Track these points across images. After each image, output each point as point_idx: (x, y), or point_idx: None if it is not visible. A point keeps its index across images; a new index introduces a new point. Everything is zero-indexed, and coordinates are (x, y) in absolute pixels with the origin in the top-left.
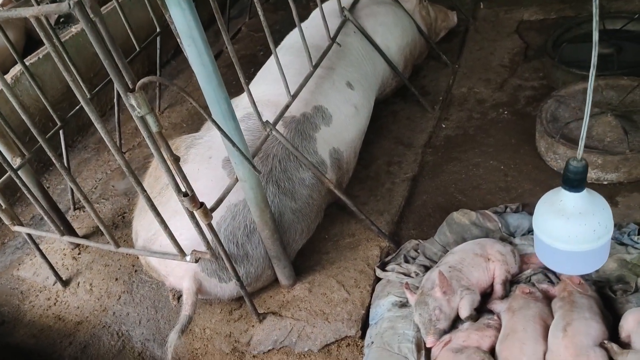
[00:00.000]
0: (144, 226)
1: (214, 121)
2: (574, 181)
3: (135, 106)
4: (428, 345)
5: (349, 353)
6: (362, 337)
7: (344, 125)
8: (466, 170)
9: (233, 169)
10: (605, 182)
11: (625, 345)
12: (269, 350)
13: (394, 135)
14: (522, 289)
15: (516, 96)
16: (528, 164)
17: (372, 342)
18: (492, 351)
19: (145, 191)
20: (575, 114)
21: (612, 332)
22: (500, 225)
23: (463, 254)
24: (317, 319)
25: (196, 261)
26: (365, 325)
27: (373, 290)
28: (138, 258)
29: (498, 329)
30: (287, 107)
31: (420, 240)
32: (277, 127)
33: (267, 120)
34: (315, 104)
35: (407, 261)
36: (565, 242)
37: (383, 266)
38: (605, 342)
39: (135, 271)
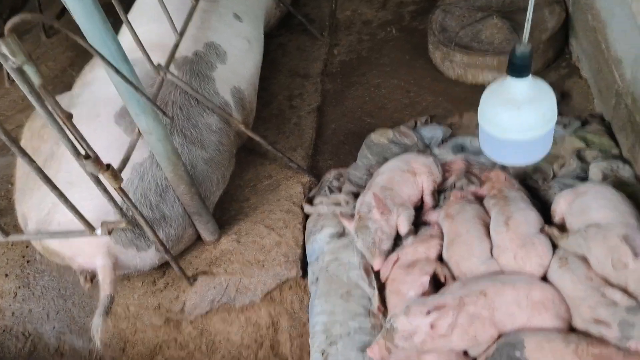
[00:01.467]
0: (32, 207)
1: (109, 63)
2: (522, 67)
3: (9, 55)
4: (376, 268)
5: (293, 295)
6: (304, 276)
7: (240, 60)
8: (368, 92)
9: (130, 124)
10: None
11: (559, 228)
12: (207, 312)
13: (288, 68)
14: (455, 195)
15: (400, 13)
16: (426, 77)
17: (317, 279)
18: (439, 259)
19: (34, 162)
20: (461, 21)
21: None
22: (416, 139)
23: (391, 172)
24: (253, 269)
25: (109, 233)
26: (304, 264)
27: (304, 227)
28: (28, 246)
29: (441, 238)
30: (176, 46)
31: (341, 169)
32: (170, 69)
33: (158, 64)
34: (206, 41)
35: (332, 192)
36: (518, 131)
37: (309, 201)
38: (546, 226)
39: (28, 262)
